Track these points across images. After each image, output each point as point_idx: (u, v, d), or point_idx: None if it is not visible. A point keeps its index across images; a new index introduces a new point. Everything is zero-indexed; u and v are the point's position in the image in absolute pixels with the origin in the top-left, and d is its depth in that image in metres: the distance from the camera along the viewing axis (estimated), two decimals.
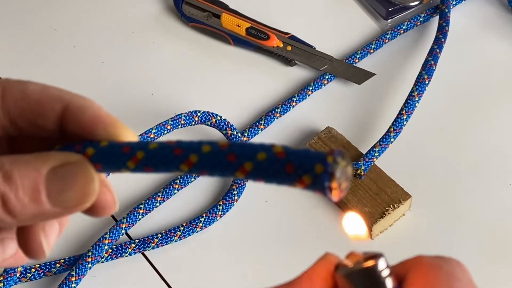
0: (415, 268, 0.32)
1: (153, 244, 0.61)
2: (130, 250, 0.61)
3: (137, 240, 0.61)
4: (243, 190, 0.63)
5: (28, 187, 0.29)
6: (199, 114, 0.65)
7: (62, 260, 0.60)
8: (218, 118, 0.65)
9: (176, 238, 0.61)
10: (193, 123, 0.65)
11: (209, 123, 0.65)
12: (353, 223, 0.33)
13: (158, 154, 0.30)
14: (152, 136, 0.64)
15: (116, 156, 0.31)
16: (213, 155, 0.29)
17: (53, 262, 0.60)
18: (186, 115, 0.65)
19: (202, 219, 0.62)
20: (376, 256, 0.31)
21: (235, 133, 0.65)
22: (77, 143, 0.32)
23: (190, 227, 0.62)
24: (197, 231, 0.62)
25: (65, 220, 0.34)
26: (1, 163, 0.30)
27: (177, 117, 0.65)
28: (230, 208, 0.63)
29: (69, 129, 0.32)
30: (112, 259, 0.61)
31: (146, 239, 0.61)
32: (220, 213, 0.62)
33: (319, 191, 0.28)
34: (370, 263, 0.31)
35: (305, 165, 0.28)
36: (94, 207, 0.31)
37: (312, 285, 0.31)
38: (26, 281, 0.60)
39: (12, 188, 0.29)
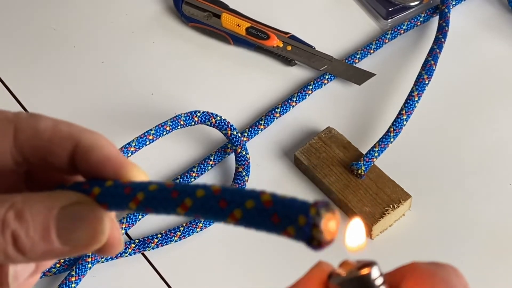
0: (409, 276, 0.31)
1: (153, 244, 0.61)
2: (130, 250, 0.61)
3: (137, 240, 0.61)
4: None
5: (39, 226, 0.30)
6: (198, 114, 0.65)
7: (62, 260, 0.60)
8: (218, 118, 0.65)
9: (176, 238, 0.61)
10: (193, 123, 0.65)
11: (209, 123, 0.65)
12: (354, 233, 0.33)
13: (157, 196, 0.30)
14: (151, 137, 0.64)
15: (119, 197, 0.31)
16: (206, 199, 0.29)
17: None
18: (185, 115, 0.65)
19: (202, 219, 0.62)
20: (369, 264, 0.31)
21: (235, 133, 0.65)
22: (85, 183, 0.32)
23: (190, 227, 0.62)
24: (197, 231, 0.62)
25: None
26: (14, 201, 0.30)
27: (177, 117, 0.65)
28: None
29: (79, 166, 0.32)
30: (112, 259, 0.61)
31: (146, 239, 0.61)
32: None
33: (303, 242, 0.28)
34: (363, 271, 0.31)
35: (289, 216, 0.28)
36: (102, 246, 0.32)
37: None
38: None
39: (23, 226, 0.30)
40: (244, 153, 0.64)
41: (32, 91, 0.72)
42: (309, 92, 0.70)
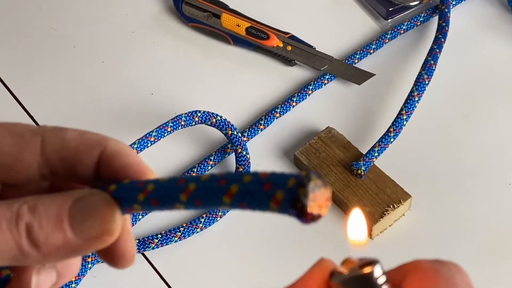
0: (412, 274, 0.31)
1: (153, 245, 0.61)
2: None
3: (137, 240, 0.61)
4: None
5: (52, 216, 0.30)
6: (199, 114, 0.65)
7: None
8: (219, 118, 0.65)
9: (176, 238, 0.61)
10: (193, 123, 0.65)
11: (209, 123, 0.65)
12: (356, 225, 0.33)
13: (165, 185, 0.31)
14: (152, 139, 0.64)
15: (131, 190, 0.32)
16: (208, 181, 0.30)
17: None
18: (186, 115, 0.65)
19: (202, 220, 0.62)
20: (372, 263, 0.31)
21: (235, 133, 0.65)
22: (103, 183, 0.33)
23: (190, 228, 0.62)
24: (197, 232, 0.62)
25: (66, 272, 0.34)
26: (26, 199, 0.31)
27: (177, 118, 0.65)
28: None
29: (102, 173, 0.33)
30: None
31: (146, 239, 0.61)
32: (220, 213, 0.62)
33: (290, 209, 0.28)
34: (366, 270, 0.31)
35: (280, 182, 0.28)
36: (114, 253, 0.32)
37: None
38: None
39: (36, 217, 0.30)
40: (244, 153, 0.64)
41: (32, 91, 0.72)
42: (309, 92, 0.70)
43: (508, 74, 0.72)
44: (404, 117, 0.65)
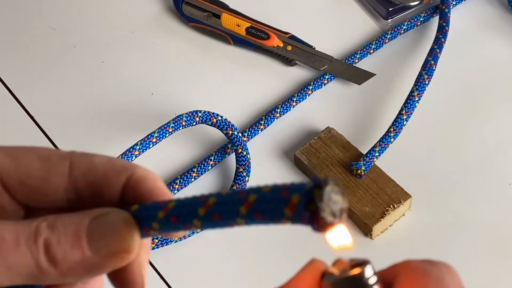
0: (403, 274, 0.31)
1: (153, 245, 0.61)
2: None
3: None
4: None
5: (71, 233, 0.30)
6: (200, 114, 0.65)
7: None
8: (219, 118, 0.65)
9: (176, 239, 0.61)
10: (194, 123, 0.65)
11: (210, 123, 0.65)
12: (338, 234, 0.33)
13: (186, 202, 0.31)
14: (154, 140, 0.64)
15: (152, 209, 0.32)
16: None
17: None
18: (187, 115, 0.65)
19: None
20: (362, 263, 0.31)
21: (236, 133, 0.65)
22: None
23: None
24: (197, 232, 0.62)
25: None
26: (45, 217, 0.31)
27: (178, 118, 0.65)
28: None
29: (127, 197, 0.33)
30: None
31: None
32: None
33: (304, 211, 0.27)
34: (356, 270, 0.31)
35: (298, 186, 0.28)
36: (125, 280, 0.32)
37: None
38: None
39: (55, 234, 0.30)
40: (245, 153, 0.64)
41: (32, 91, 0.72)
42: (309, 92, 0.70)
43: (508, 74, 0.72)
44: (404, 117, 0.65)
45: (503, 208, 0.64)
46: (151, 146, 0.64)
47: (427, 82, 0.67)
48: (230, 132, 0.65)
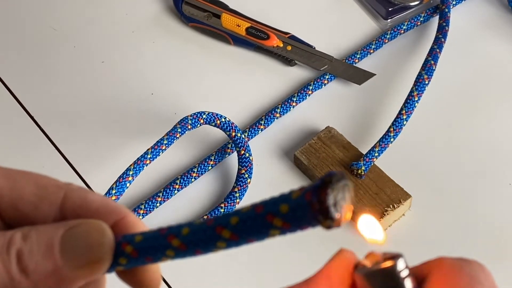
0: (436, 270, 0.32)
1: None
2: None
3: None
4: (245, 192, 0.63)
5: (43, 244, 0.30)
6: (204, 116, 0.64)
7: None
8: (223, 119, 0.64)
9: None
10: (199, 125, 0.65)
11: (213, 124, 0.65)
12: (370, 225, 0.33)
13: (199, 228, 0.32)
14: (163, 147, 0.64)
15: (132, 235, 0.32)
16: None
17: None
18: (192, 118, 0.64)
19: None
20: (395, 257, 0.32)
21: (239, 134, 0.65)
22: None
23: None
24: None
25: None
26: (21, 228, 0.31)
27: (184, 122, 0.64)
28: (232, 210, 0.63)
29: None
30: None
31: None
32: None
33: (311, 195, 0.27)
34: (389, 263, 0.31)
35: (311, 186, 0.28)
36: (139, 281, 0.33)
37: (331, 284, 0.31)
38: None
39: (28, 244, 0.30)
40: (247, 155, 0.64)
41: (32, 91, 0.72)
42: (309, 92, 0.70)
43: (508, 74, 0.72)
44: (404, 117, 0.65)
45: (503, 208, 0.64)
46: (161, 153, 0.64)
47: (427, 82, 0.67)
48: (233, 133, 0.65)
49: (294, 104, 0.69)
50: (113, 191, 0.60)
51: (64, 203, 0.33)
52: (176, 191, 0.64)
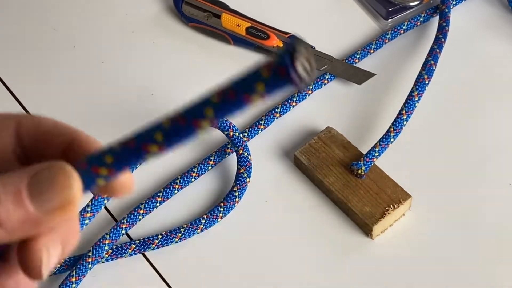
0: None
1: (153, 245, 0.61)
2: (130, 250, 0.61)
3: (138, 241, 0.61)
4: (245, 191, 0.63)
5: (11, 192, 0.30)
6: None
7: (62, 260, 0.60)
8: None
9: (176, 239, 0.61)
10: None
11: None
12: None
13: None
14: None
15: (101, 151, 0.32)
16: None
17: None
18: None
19: (203, 221, 0.62)
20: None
21: (237, 134, 0.65)
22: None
23: (190, 229, 0.62)
24: (198, 233, 0.62)
25: (69, 240, 0.34)
26: None
27: None
28: (231, 209, 0.63)
29: (70, 160, 0.33)
30: (112, 259, 0.61)
31: (147, 240, 0.61)
32: (221, 214, 0.62)
33: (286, 56, 0.27)
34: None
35: (280, 57, 0.28)
36: (22, 259, 0.32)
37: None
38: None
39: None
40: (246, 154, 0.64)
41: (32, 91, 0.72)
42: (309, 92, 0.70)
43: (508, 74, 0.72)
44: (404, 117, 0.65)
45: (503, 208, 0.64)
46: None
47: (427, 82, 0.67)
48: (231, 133, 0.65)
49: (294, 104, 0.69)
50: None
51: (19, 130, 0.34)
52: (176, 191, 0.64)
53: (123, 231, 0.62)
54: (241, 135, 0.65)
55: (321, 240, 0.62)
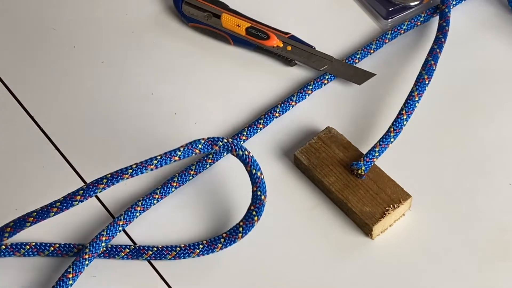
0: None
1: (170, 256, 0.61)
2: (146, 256, 0.61)
3: (155, 248, 0.61)
4: (263, 210, 0.61)
5: None
6: (200, 146, 0.59)
7: (57, 244, 0.62)
8: (220, 143, 0.60)
9: (194, 255, 0.61)
10: (193, 154, 0.60)
11: (212, 150, 0.60)
12: None
13: None
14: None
15: None
16: None
17: (48, 244, 0.62)
18: (184, 149, 0.59)
19: (222, 240, 0.61)
20: None
21: (240, 152, 0.60)
22: None
23: (209, 246, 0.61)
24: (216, 251, 0.61)
25: None
26: None
27: (173, 154, 0.59)
28: (251, 229, 0.61)
29: None
30: (128, 258, 0.61)
31: (164, 249, 0.61)
32: (240, 234, 0.61)
33: None
34: None
35: None
36: None
37: None
38: (19, 256, 0.61)
39: None
40: (254, 171, 0.60)
41: (32, 91, 0.72)
42: (309, 92, 0.70)
43: (508, 74, 0.72)
44: (404, 117, 0.65)
45: (503, 208, 0.64)
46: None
47: (427, 82, 0.67)
48: (235, 152, 0.60)
49: (293, 103, 0.69)
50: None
51: None
52: (173, 189, 0.64)
53: (120, 228, 0.62)
54: (246, 152, 0.60)
55: (321, 240, 0.62)
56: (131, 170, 0.57)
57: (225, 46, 0.75)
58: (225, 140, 0.60)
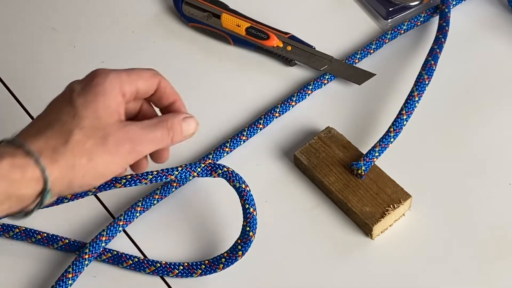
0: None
1: (173, 274, 0.60)
2: (149, 270, 0.61)
3: (159, 264, 0.60)
4: (249, 246, 0.60)
5: (177, 127, 0.54)
6: (199, 169, 0.60)
7: (66, 240, 0.62)
8: (220, 171, 0.60)
9: (196, 275, 0.60)
10: (191, 177, 0.61)
11: (212, 176, 0.61)
12: None
13: None
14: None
15: None
16: None
17: (55, 236, 0.62)
18: (182, 171, 0.60)
19: (223, 260, 0.60)
20: None
21: (237, 185, 0.60)
22: None
23: (211, 267, 0.60)
24: (218, 271, 0.60)
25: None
26: (167, 117, 0.55)
27: (168, 172, 0.60)
28: (249, 247, 0.60)
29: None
30: (130, 268, 0.61)
31: (168, 266, 0.60)
32: (240, 253, 0.59)
33: None
34: None
35: None
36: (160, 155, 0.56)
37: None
38: (30, 243, 0.60)
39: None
40: (247, 206, 0.60)
41: (32, 91, 0.72)
42: (309, 92, 0.70)
43: (508, 74, 0.72)
44: (404, 117, 0.65)
45: (503, 208, 0.64)
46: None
47: (427, 82, 0.67)
48: (232, 183, 0.60)
49: (293, 103, 0.69)
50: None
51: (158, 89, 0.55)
52: (173, 189, 0.64)
53: (120, 228, 0.62)
54: (243, 186, 0.60)
55: (321, 240, 0.62)
56: (124, 181, 0.59)
57: (225, 46, 0.75)
58: (225, 169, 0.60)
